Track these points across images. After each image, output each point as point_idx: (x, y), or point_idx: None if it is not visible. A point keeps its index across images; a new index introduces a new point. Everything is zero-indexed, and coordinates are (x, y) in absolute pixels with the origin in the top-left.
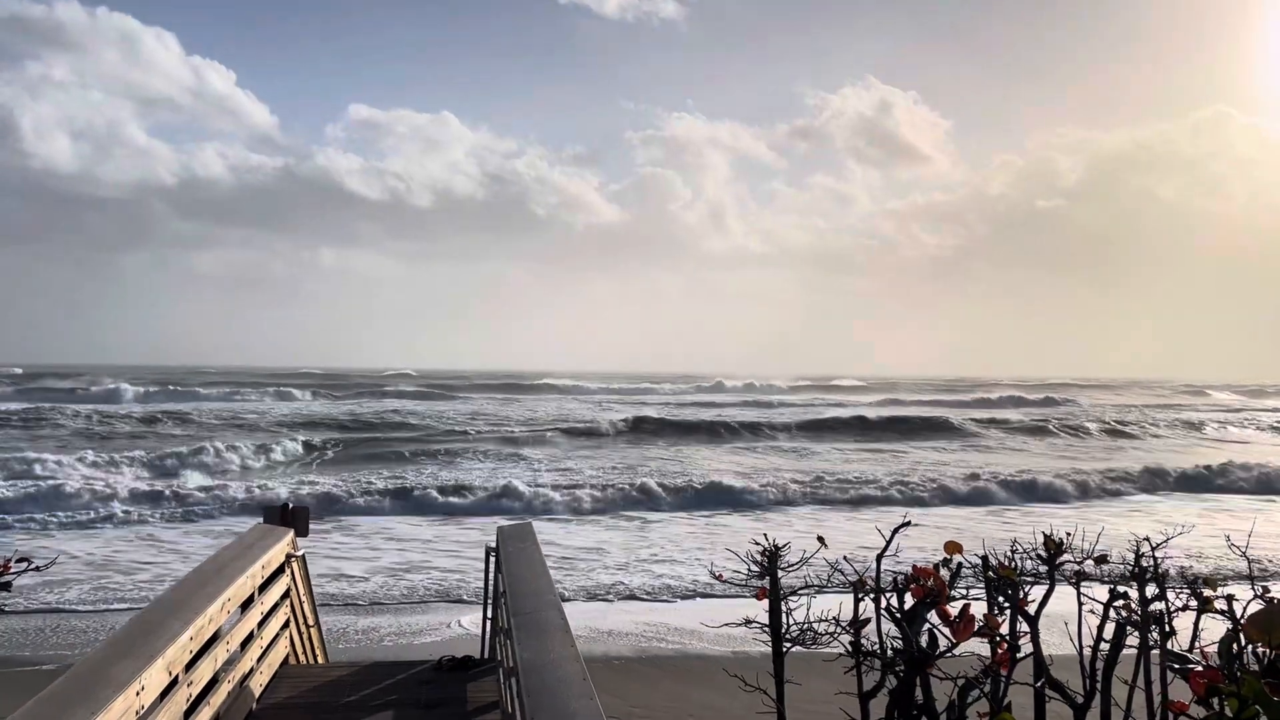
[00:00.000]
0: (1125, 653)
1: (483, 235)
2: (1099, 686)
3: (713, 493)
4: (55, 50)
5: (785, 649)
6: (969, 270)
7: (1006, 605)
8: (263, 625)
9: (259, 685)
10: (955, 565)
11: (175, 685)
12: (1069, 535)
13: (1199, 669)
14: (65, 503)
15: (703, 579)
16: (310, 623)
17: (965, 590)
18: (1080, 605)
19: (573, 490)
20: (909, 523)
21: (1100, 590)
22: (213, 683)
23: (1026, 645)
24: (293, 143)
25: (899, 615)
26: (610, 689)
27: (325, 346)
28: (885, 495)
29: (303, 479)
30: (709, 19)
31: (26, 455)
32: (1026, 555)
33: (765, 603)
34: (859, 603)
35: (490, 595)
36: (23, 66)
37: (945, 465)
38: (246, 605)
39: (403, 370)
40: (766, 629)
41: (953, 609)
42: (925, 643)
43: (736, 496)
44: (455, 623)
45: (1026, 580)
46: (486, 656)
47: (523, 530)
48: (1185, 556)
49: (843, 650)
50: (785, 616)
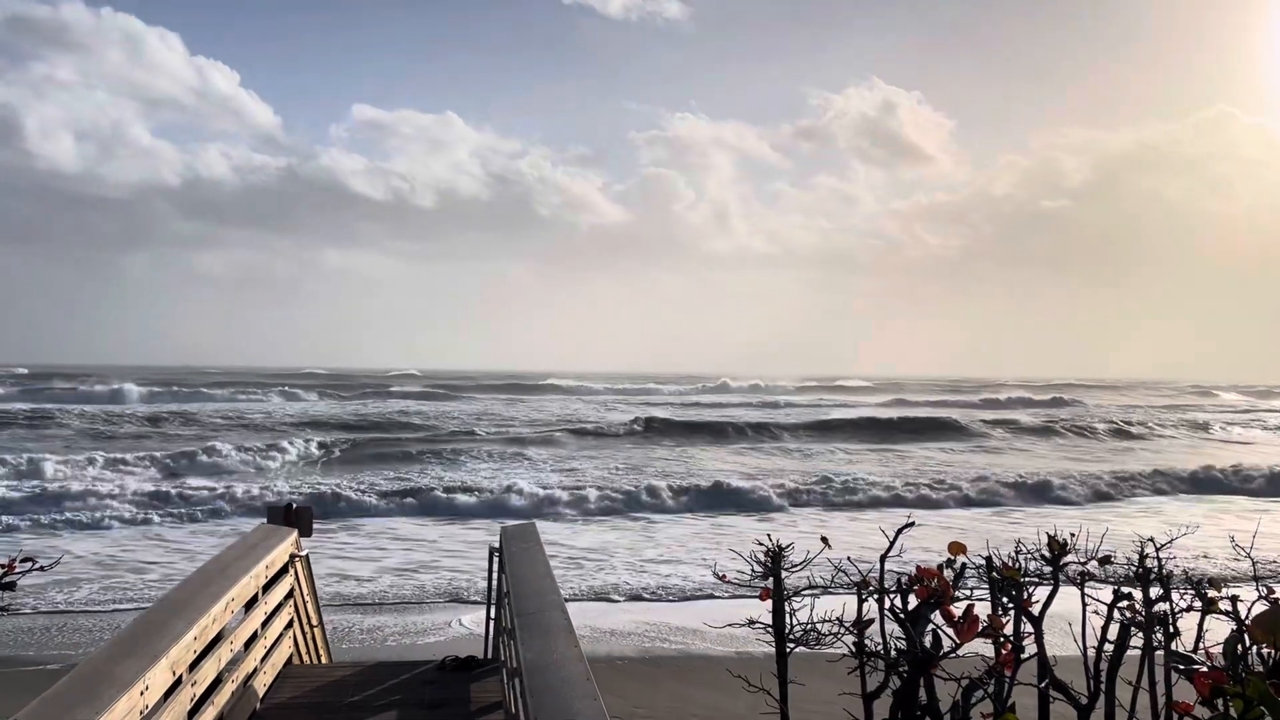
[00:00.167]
0: (1129, 654)
1: (486, 235)
2: (1103, 687)
3: (718, 493)
4: (60, 51)
5: (789, 649)
6: (973, 271)
7: (1010, 606)
8: (266, 625)
9: (263, 685)
10: (959, 566)
11: (179, 685)
12: (1073, 536)
13: (1204, 670)
14: (72, 503)
15: (706, 580)
16: (314, 623)
17: (969, 591)
18: (1084, 606)
19: (578, 491)
20: (912, 523)
21: (1104, 591)
22: (216, 682)
23: (1030, 646)
24: (296, 143)
25: (903, 616)
26: (613, 689)
27: (328, 347)
28: (891, 496)
29: (309, 479)
30: (713, 19)
31: (33, 456)
32: (1030, 556)
33: (769, 603)
34: (863, 603)
35: (494, 595)
36: (27, 67)
37: (951, 466)
38: (250, 605)
39: (406, 371)
40: (770, 629)
41: (957, 610)
42: (929, 643)
43: (741, 497)
44: (459, 623)
45: (1030, 581)
46: (490, 657)
47: (526, 531)
48: (1192, 557)
49: (846, 651)
50: (789, 617)
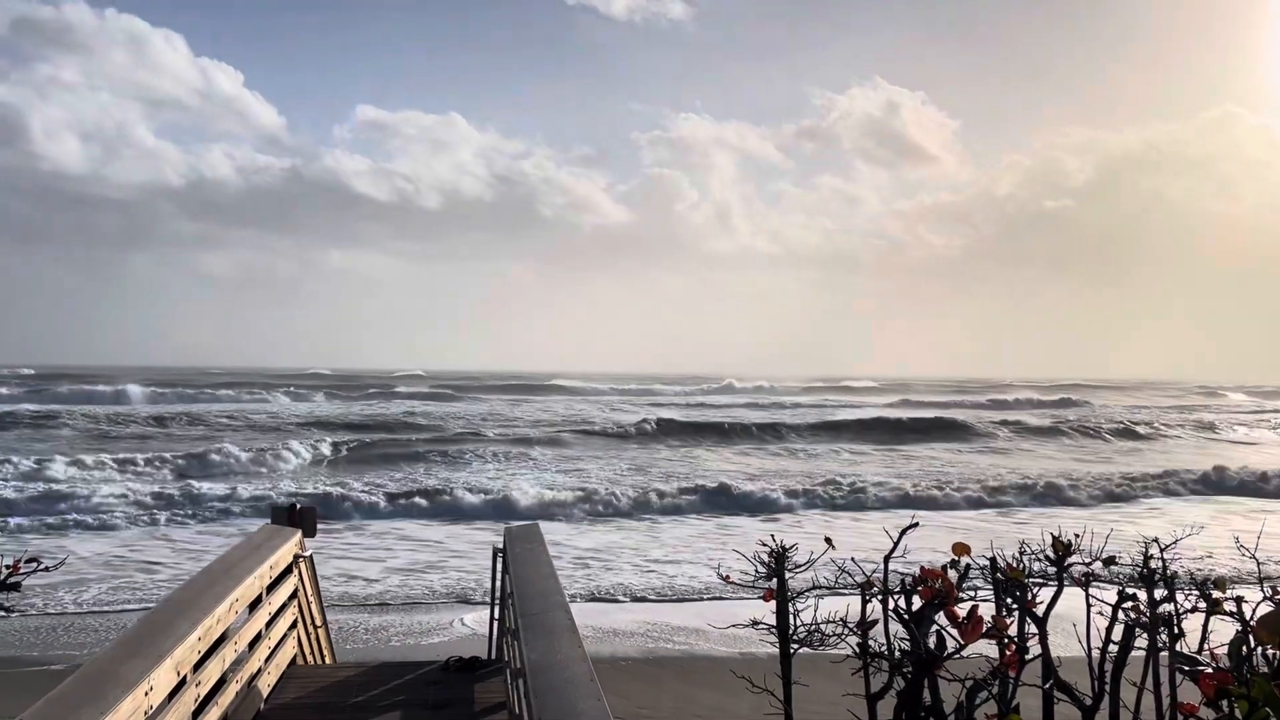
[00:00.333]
0: (1134, 654)
1: (489, 236)
2: (1108, 688)
3: (723, 494)
4: (64, 52)
5: (792, 650)
6: (977, 271)
7: (1015, 607)
8: (270, 625)
9: (267, 685)
10: (963, 567)
11: (183, 685)
12: (1077, 537)
13: (1208, 671)
14: (78, 504)
15: (711, 580)
16: (318, 623)
17: (974, 592)
18: (1089, 607)
19: (583, 491)
20: (916, 524)
21: (1109, 592)
22: (221, 683)
23: (1035, 647)
24: (300, 144)
25: (907, 617)
26: (617, 690)
27: (332, 347)
28: (896, 497)
29: (315, 480)
30: (716, 19)
31: (41, 457)
32: (1035, 557)
33: (773, 604)
34: (867, 604)
35: (497, 596)
36: (32, 68)
37: (958, 467)
38: (254, 605)
39: (411, 371)
40: (774, 630)
41: (961, 610)
42: (933, 644)
43: (747, 498)
44: (460, 622)
45: (1035, 582)
46: (494, 657)
47: (530, 531)
48: (1197, 558)
49: (850, 652)
50: (793, 618)
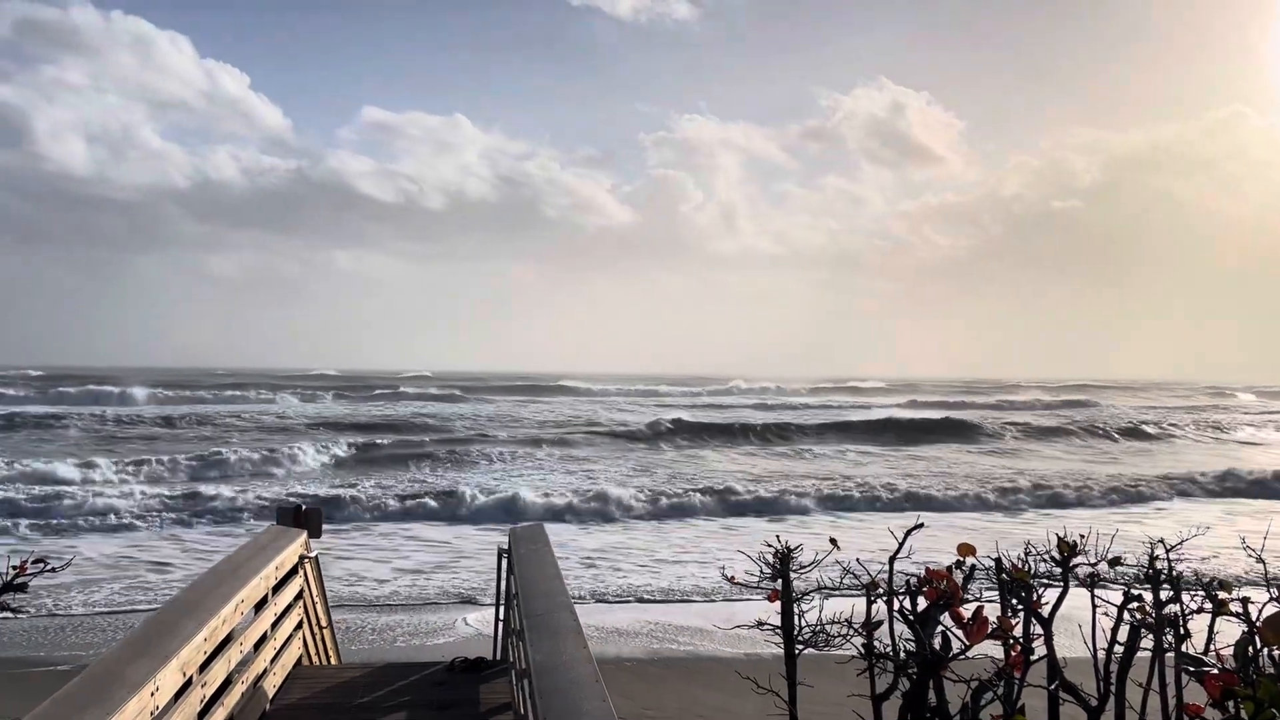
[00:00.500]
0: (1140, 655)
1: (493, 237)
2: (1113, 689)
3: (730, 496)
4: (70, 54)
5: (797, 651)
6: (983, 271)
7: (1020, 607)
8: (276, 626)
9: (272, 686)
10: (968, 567)
11: (189, 686)
12: (1082, 538)
13: (1214, 672)
14: (87, 505)
15: (716, 581)
16: (323, 624)
17: (979, 593)
18: (1094, 608)
19: (591, 492)
20: (921, 525)
21: (1115, 593)
22: (226, 684)
23: (1040, 648)
24: (305, 145)
25: (912, 618)
26: (622, 690)
27: (338, 348)
28: (903, 499)
29: (324, 481)
30: (721, 20)
31: (49, 458)
32: (1040, 558)
33: (777, 604)
34: (872, 605)
35: (502, 597)
36: (38, 70)
37: (966, 468)
38: (260, 606)
39: (417, 372)
40: (779, 631)
41: (966, 611)
42: (938, 645)
43: (754, 499)
44: (463, 622)
45: (1040, 583)
46: (499, 658)
47: (535, 532)
48: (1204, 559)
49: (855, 652)
50: (798, 618)
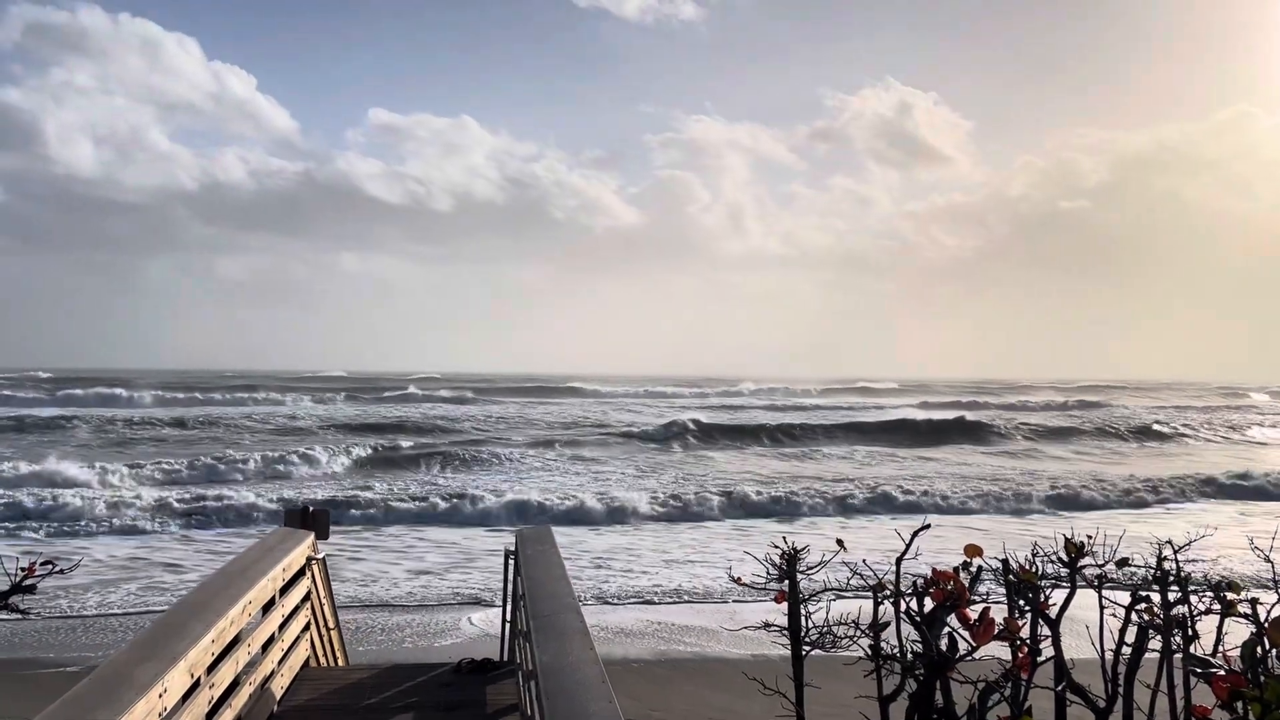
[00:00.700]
0: (1147, 657)
1: (501, 238)
2: (1121, 691)
3: (740, 497)
4: (78, 56)
5: (804, 652)
6: (990, 272)
7: (1027, 609)
8: (284, 628)
9: (280, 688)
10: (975, 569)
11: (197, 687)
12: (1090, 539)
13: (1222, 673)
14: (99, 508)
15: (723, 582)
16: (331, 625)
17: (985, 594)
18: (1102, 609)
19: (601, 493)
20: (928, 526)
21: (1122, 594)
22: (234, 685)
23: (1047, 649)
24: (313, 147)
25: (919, 619)
26: (629, 691)
27: (346, 350)
28: (912, 500)
29: (335, 483)
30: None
31: (60, 460)
32: (1048, 559)
33: (785, 606)
34: (879, 606)
35: (509, 598)
36: (46, 73)
37: (976, 469)
38: (268, 608)
39: (425, 374)
40: (786, 632)
41: (973, 612)
42: (945, 646)
43: (764, 501)
44: (475, 625)
45: (1047, 584)
46: (506, 659)
47: (542, 533)
48: (1213, 560)
49: (862, 654)
50: (804, 620)
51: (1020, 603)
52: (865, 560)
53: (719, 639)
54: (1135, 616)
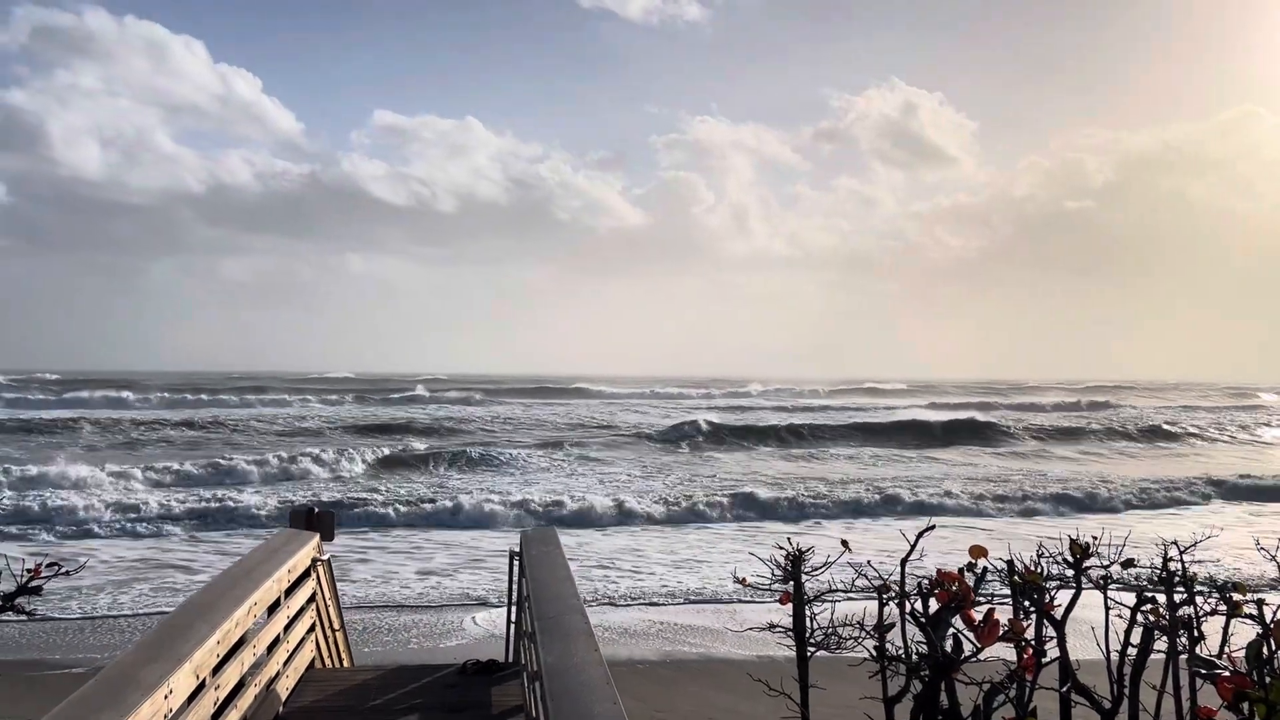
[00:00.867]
0: (1153, 658)
1: (506, 240)
2: (1126, 692)
3: (747, 498)
4: (84, 59)
5: (809, 653)
6: (995, 272)
7: (1032, 610)
8: (289, 629)
9: (285, 689)
10: (980, 570)
11: (202, 689)
12: (1095, 539)
13: (1227, 674)
14: (106, 510)
15: (728, 584)
16: (336, 626)
17: (990, 595)
18: (1107, 610)
19: (608, 494)
20: (932, 527)
21: (1128, 595)
22: (239, 686)
23: (1053, 650)
24: (318, 149)
25: (924, 620)
26: (633, 693)
27: (351, 351)
28: (919, 502)
29: (344, 485)
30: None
31: (67, 463)
32: (1053, 560)
33: (789, 607)
34: (883, 607)
35: (514, 599)
36: (52, 75)
37: (985, 470)
38: (273, 609)
39: (431, 375)
40: (790, 633)
41: (978, 613)
42: (950, 647)
43: (770, 502)
44: (480, 626)
45: (1053, 585)
46: (511, 660)
47: (546, 535)
48: (1218, 560)
49: (867, 655)
50: (810, 621)
51: (1025, 604)
52: (870, 561)
53: (724, 640)
54: (1141, 617)
